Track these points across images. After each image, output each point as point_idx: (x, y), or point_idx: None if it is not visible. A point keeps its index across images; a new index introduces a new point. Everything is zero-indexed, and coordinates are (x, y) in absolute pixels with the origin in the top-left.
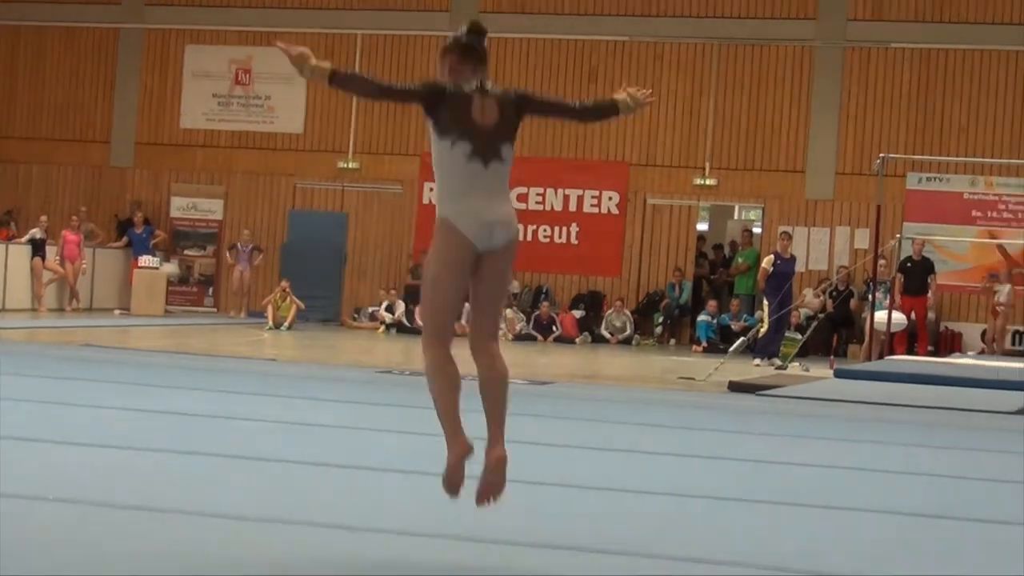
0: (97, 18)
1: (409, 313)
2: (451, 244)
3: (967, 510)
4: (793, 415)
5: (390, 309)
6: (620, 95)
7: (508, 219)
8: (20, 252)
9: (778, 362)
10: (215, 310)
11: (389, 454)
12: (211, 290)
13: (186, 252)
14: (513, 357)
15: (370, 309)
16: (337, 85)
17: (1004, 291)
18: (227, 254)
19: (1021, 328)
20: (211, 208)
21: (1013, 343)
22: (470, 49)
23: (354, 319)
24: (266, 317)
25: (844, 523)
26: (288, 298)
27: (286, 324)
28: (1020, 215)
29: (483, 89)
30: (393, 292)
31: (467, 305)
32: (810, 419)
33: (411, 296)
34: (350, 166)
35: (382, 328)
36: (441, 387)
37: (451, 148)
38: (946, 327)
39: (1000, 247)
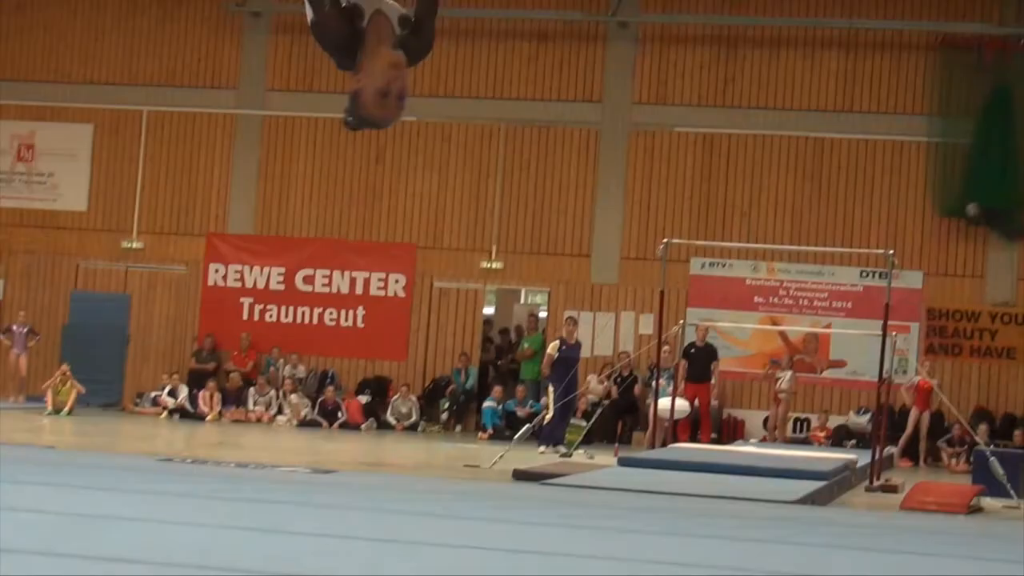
0: None
1: (192, 398)
2: None
3: None
4: (578, 504)
5: (173, 394)
6: None
7: None
8: None
9: (563, 449)
10: None
11: (164, 547)
12: None
13: None
14: (297, 444)
15: (152, 394)
16: None
17: (785, 378)
18: (1, 336)
19: (802, 415)
20: None
21: (794, 430)
22: None
23: (136, 404)
24: (45, 402)
25: None
26: (68, 382)
27: (66, 409)
28: (801, 301)
29: None
30: (176, 376)
31: None
32: (594, 509)
33: (195, 380)
34: (134, 246)
35: (164, 413)
36: None
37: None
38: (729, 414)
39: (782, 333)
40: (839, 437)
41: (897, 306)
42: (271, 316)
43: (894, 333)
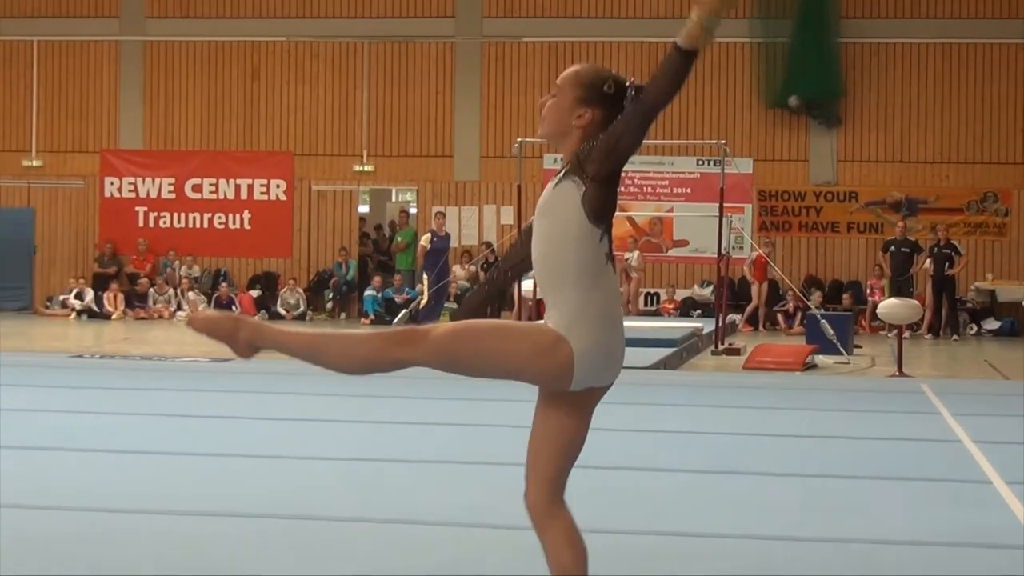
0: None
1: (98, 299)
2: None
3: (606, 459)
4: (452, 380)
5: (80, 296)
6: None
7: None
8: None
9: None
10: None
11: (81, 435)
12: None
13: None
14: (196, 337)
15: (61, 297)
16: (684, 61)
17: (634, 257)
18: None
19: (651, 290)
20: None
21: (646, 304)
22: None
23: (47, 307)
24: None
25: (495, 477)
26: None
27: None
28: (645, 189)
29: None
30: (82, 280)
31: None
32: (467, 383)
33: (99, 283)
34: (34, 164)
35: (73, 314)
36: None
37: (599, 240)
38: None
39: (630, 218)
40: (686, 308)
41: (731, 189)
42: (165, 222)
43: (729, 214)
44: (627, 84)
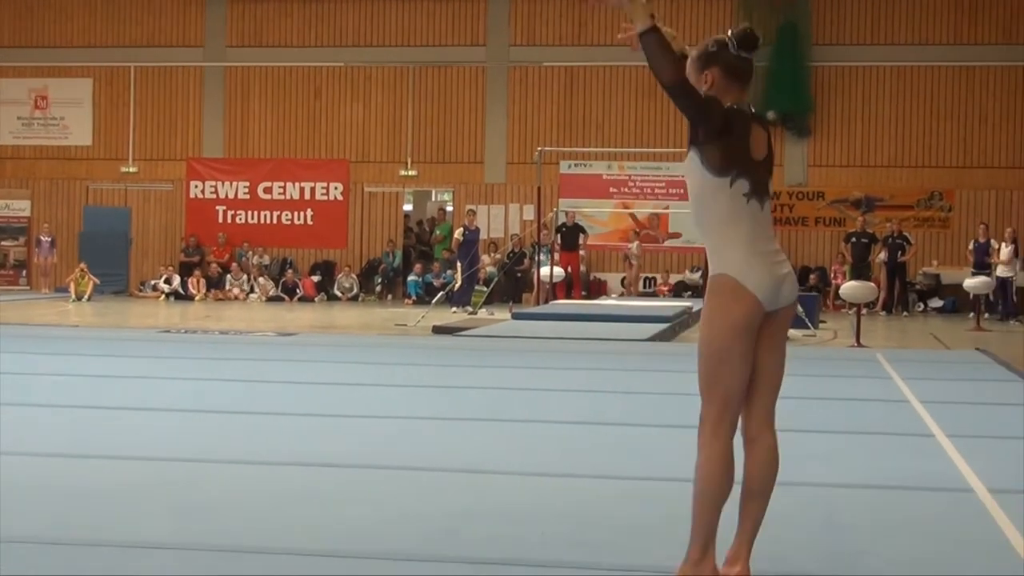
0: None
1: (183, 283)
2: (740, 307)
3: (612, 416)
4: (483, 350)
5: (168, 281)
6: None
7: (791, 271)
8: None
9: (470, 309)
10: (28, 288)
11: (166, 396)
12: (24, 272)
13: (2, 243)
14: (265, 315)
15: (152, 282)
16: (646, 43)
17: (635, 247)
18: (36, 249)
19: (649, 275)
20: (21, 207)
21: (644, 287)
22: (747, 65)
23: (140, 290)
24: (69, 292)
25: (519, 432)
26: (86, 276)
27: (86, 296)
28: (645, 190)
29: (756, 115)
30: (170, 268)
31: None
32: (496, 352)
33: (184, 270)
34: (130, 170)
35: (162, 296)
36: (720, 491)
37: (730, 187)
38: (594, 276)
39: (632, 215)
40: (678, 290)
41: None
42: (240, 219)
43: None
44: (727, 37)
